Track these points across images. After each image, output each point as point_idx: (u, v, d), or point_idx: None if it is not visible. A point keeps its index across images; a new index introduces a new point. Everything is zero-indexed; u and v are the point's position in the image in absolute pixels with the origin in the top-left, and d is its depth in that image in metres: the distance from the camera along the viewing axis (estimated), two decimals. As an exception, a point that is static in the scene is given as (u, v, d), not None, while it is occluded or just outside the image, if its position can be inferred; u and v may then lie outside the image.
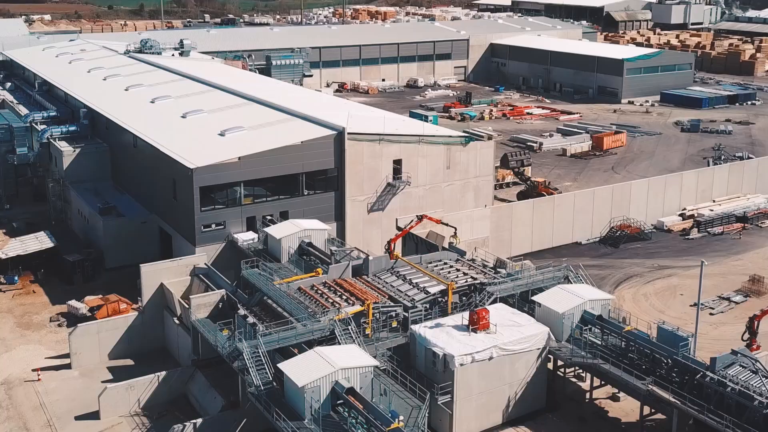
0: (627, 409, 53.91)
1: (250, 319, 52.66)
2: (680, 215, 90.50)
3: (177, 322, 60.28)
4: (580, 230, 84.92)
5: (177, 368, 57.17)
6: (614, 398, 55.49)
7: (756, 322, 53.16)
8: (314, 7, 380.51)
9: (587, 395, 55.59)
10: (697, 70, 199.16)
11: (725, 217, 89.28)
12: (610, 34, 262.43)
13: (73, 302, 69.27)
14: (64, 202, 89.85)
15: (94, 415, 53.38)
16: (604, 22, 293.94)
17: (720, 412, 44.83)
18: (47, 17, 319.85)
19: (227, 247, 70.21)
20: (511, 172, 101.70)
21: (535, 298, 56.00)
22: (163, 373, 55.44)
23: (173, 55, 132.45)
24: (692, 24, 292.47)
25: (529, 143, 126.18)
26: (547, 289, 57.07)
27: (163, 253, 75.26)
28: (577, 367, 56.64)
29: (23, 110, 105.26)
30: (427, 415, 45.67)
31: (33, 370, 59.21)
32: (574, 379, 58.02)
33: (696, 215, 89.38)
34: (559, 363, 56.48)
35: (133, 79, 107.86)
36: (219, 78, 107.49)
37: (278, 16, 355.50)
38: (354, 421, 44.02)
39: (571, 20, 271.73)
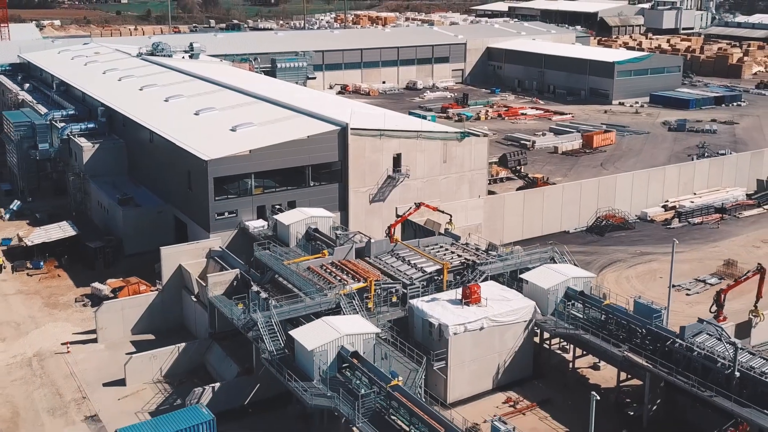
0: (606, 377, 58.21)
1: (263, 295, 56.97)
2: (663, 206, 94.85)
3: (194, 299, 64.56)
4: (568, 220, 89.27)
5: (195, 340, 61.49)
6: (595, 367, 59.78)
7: (723, 296, 57.49)
8: (316, 13, 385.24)
9: (570, 365, 59.82)
10: (694, 74, 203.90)
11: (705, 209, 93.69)
12: (603, 39, 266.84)
13: (96, 284, 73.61)
14: (84, 195, 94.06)
15: (121, 382, 57.65)
16: (598, 27, 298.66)
17: (687, 373, 49.19)
18: (57, 23, 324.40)
19: (239, 234, 74.38)
20: (506, 169, 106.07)
21: (522, 275, 60.35)
22: (183, 344, 59.79)
23: (183, 57, 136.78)
24: (683, 29, 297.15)
25: (522, 142, 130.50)
26: (534, 269, 61.39)
27: (178, 240, 79.12)
28: (561, 340, 60.92)
29: (42, 109, 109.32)
30: (423, 377, 49.94)
31: (62, 344, 63.52)
32: (558, 351, 62.21)
33: (677, 206, 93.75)
34: (545, 336, 60.76)
35: (146, 80, 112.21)
36: (228, 79, 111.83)
37: (281, 22, 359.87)
38: (358, 381, 48.30)
39: (566, 25, 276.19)
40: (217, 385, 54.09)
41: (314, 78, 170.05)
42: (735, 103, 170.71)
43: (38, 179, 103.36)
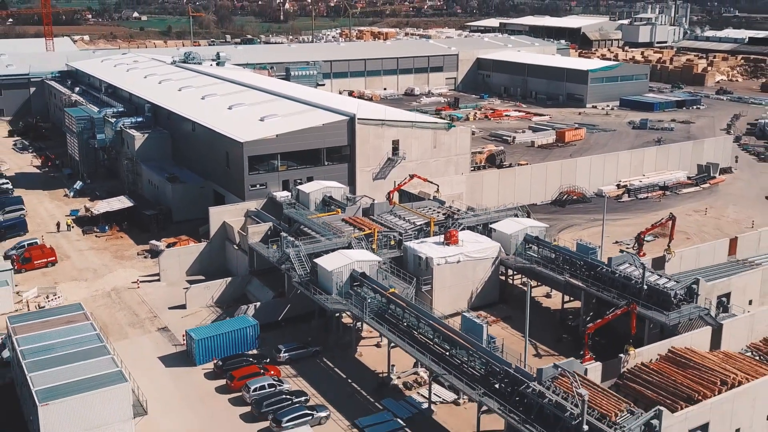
0: (555, 302, 72.07)
1: (291, 238, 70.96)
2: (616, 185, 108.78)
3: (236, 247, 78.55)
4: (535, 194, 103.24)
5: (239, 275, 75.53)
6: (547, 296, 73.74)
7: (642, 237, 71.52)
8: (323, 29, 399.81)
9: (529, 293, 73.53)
10: (684, 85, 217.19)
11: (650, 187, 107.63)
12: (584, 52, 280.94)
13: (153, 241, 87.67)
14: (135, 176, 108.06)
15: (182, 307, 71.51)
16: (580, 41, 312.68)
17: (611, 289, 63.03)
18: (86, 38, 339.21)
19: (268, 203, 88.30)
20: (485, 159, 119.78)
21: (491, 225, 74.37)
22: (229, 278, 73.84)
23: (211, 65, 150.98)
24: (657, 42, 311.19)
25: (504, 137, 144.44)
26: (500, 221, 75.40)
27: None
28: (522, 277, 74.76)
29: (94, 108, 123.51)
30: (414, 293, 63.76)
31: (133, 282, 77.51)
32: (520, 285, 76.11)
33: (628, 185, 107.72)
34: (509, 273, 74.66)
35: (183, 82, 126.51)
36: (252, 81, 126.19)
37: (291, 37, 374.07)
38: (365, 294, 62.16)
39: (552, 39, 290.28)
40: (258, 303, 68.10)
41: (323, 85, 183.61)
42: (695, 107, 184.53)
43: (96, 164, 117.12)
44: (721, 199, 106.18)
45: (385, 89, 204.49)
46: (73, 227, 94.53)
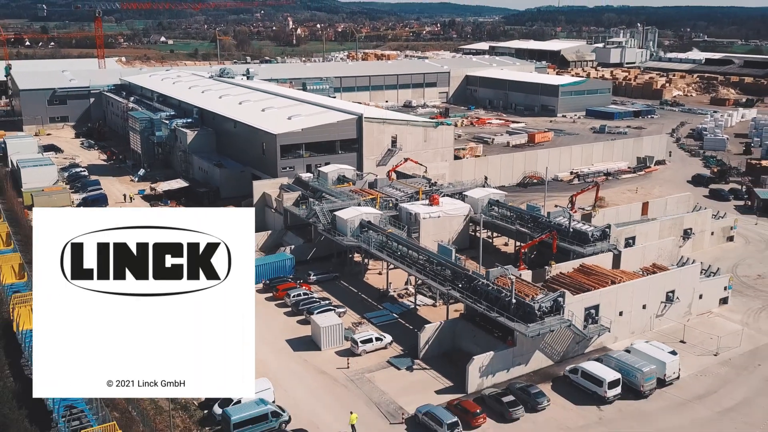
0: (510, 249, 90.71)
1: (315, 201, 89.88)
2: (570, 172, 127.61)
3: (273, 210, 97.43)
4: (504, 178, 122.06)
5: (275, 230, 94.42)
6: (505, 244, 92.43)
7: (574, 198, 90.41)
8: (332, 51, 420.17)
9: (492, 243, 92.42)
10: (672, 101, 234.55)
11: (596, 173, 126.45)
12: (561, 71, 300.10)
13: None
14: (187, 164, 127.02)
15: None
16: (559, 62, 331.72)
17: (547, 233, 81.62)
18: (123, 59, 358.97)
19: (295, 181, 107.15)
20: (467, 154, 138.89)
21: (464, 192, 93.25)
22: (269, 231, 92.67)
23: (242, 78, 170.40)
24: (627, 63, 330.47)
25: (485, 139, 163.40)
26: (471, 189, 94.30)
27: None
28: (487, 232, 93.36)
29: (149, 113, 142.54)
30: (405, 234, 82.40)
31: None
32: (485, 238, 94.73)
33: (579, 171, 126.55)
34: (477, 229, 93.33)
35: (222, 92, 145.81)
36: (279, 91, 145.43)
37: (303, 59, 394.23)
38: (371, 235, 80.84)
39: (534, 60, 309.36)
40: (293, 246, 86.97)
41: (334, 97, 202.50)
42: (649, 116, 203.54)
43: (155, 156, 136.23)
44: (652, 183, 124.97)
45: (386, 101, 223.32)
46: (134, 198, 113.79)
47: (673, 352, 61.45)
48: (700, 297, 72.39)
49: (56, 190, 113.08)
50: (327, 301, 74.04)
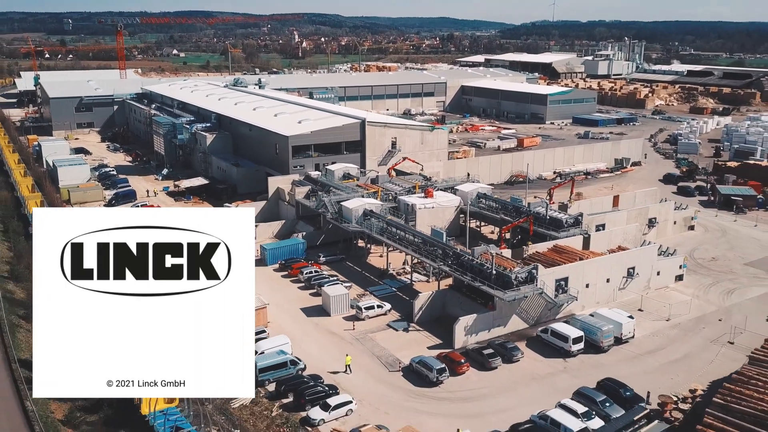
0: (495, 236, 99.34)
1: (323, 194, 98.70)
2: (553, 172, 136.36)
3: (286, 203, 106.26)
4: (494, 176, 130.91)
5: (288, 219, 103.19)
6: (492, 233, 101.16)
7: (552, 191, 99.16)
8: (336, 63, 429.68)
9: (480, 231, 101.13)
10: (666, 112, 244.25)
11: (577, 172, 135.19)
12: (551, 81, 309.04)
13: (226, 204, 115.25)
14: (207, 164, 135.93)
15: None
16: (550, 74, 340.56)
17: (527, 221, 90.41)
18: (139, 70, 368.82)
19: (305, 178, 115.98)
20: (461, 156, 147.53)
21: (456, 187, 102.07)
22: (283, 221, 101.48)
23: (255, 88, 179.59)
24: (614, 74, 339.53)
25: (477, 143, 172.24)
26: (462, 184, 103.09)
27: (267, 185, 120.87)
28: (476, 221, 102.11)
29: (170, 119, 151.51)
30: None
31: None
32: (474, 227, 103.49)
33: (561, 171, 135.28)
34: (468, 219, 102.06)
35: (237, 99, 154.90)
36: (289, 98, 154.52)
37: (309, 70, 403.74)
38: (372, 222, 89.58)
39: (527, 72, 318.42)
40: (304, 232, 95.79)
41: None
42: (631, 123, 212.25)
43: (177, 157, 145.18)
44: (627, 181, 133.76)
45: (387, 110, 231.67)
46: (157, 194, 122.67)
47: (630, 317, 70.17)
48: (658, 273, 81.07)
49: (90, 186, 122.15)
50: (335, 278, 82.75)
